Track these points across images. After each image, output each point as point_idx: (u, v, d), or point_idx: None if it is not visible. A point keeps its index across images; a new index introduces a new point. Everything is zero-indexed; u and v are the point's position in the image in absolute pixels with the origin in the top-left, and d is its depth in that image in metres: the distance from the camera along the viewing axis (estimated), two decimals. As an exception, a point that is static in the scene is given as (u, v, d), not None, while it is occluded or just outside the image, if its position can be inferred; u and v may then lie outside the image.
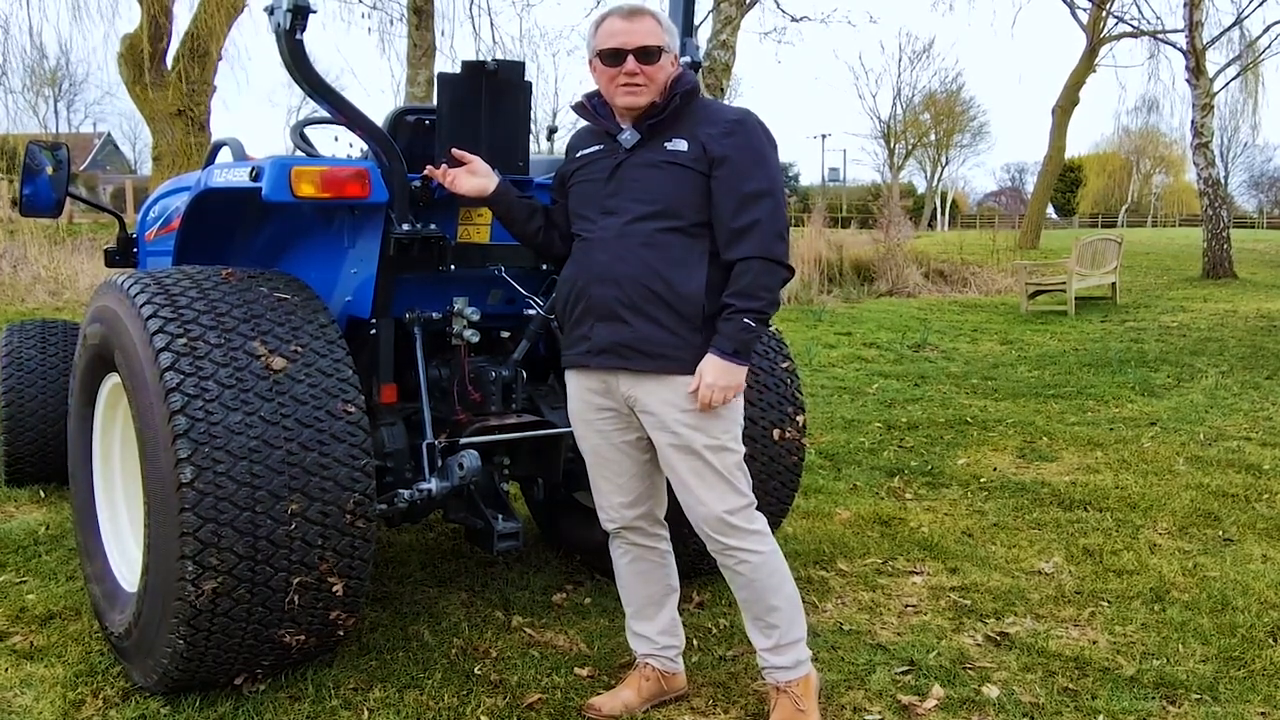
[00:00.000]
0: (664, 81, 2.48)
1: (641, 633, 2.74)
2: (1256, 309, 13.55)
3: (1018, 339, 11.00)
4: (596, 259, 2.48)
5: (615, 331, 2.46)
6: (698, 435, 2.43)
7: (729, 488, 2.47)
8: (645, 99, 2.47)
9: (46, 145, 4.24)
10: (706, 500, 2.46)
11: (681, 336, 2.41)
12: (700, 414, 2.42)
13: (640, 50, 2.43)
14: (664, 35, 2.48)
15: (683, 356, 2.42)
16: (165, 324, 2.48)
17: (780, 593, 2.53)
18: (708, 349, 2.40)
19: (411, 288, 2.99)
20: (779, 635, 2.54)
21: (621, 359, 2.46)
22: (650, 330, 2.42)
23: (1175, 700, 2.79)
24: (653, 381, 2.45)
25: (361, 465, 2.53)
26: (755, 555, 2.49)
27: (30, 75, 16.83)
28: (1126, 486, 4.91)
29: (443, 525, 4.18)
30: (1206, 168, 19.09)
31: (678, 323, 2.41)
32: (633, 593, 2.75)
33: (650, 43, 2.45)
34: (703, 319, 2.42)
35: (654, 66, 2.45)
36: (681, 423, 2.43)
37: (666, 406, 2.44)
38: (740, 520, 2.48)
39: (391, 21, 15.45)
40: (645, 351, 2.43)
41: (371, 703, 2.69)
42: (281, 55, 2.52)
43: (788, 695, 2.55)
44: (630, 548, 2.71)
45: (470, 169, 2.68)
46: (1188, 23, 18.91)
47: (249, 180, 2.69)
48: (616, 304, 2.45)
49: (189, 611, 2.38)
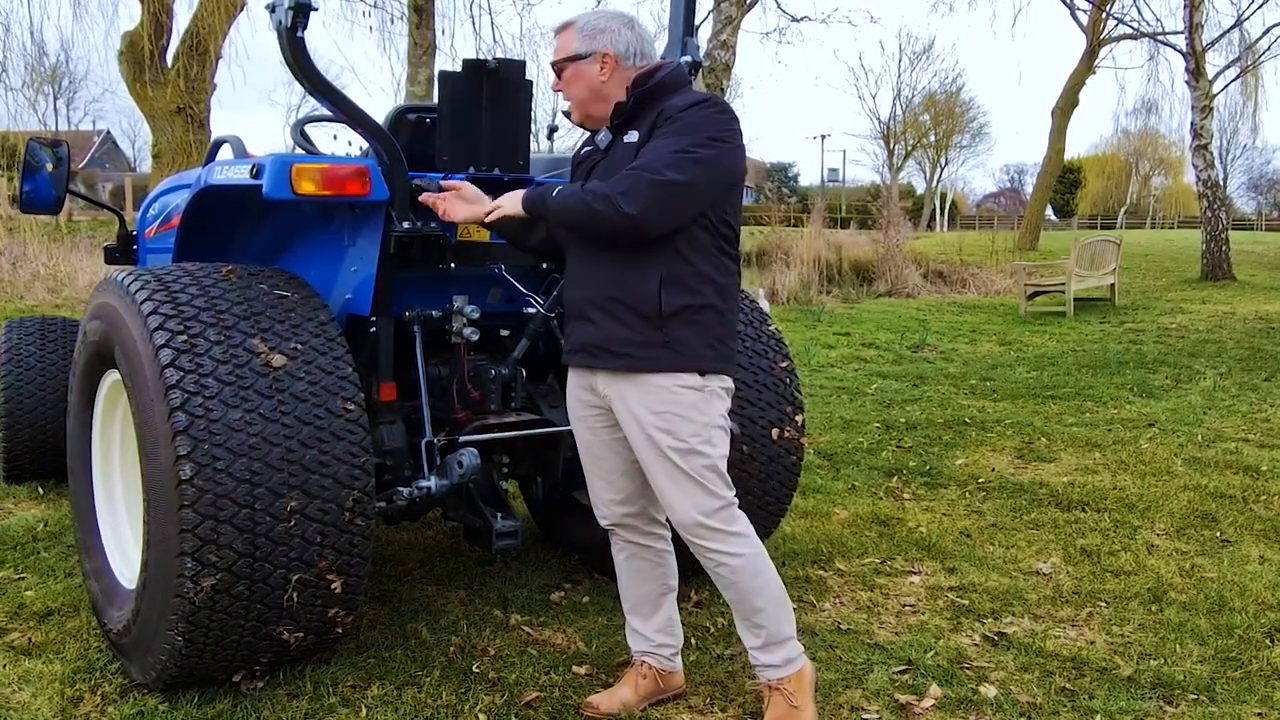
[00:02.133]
0: (582, 92, 2.48)
1: (638, 630, 2.75)
2: (1255, 311, 13.56)
3: (1016, 340, 11.01)
4: (572, 260, 2.53)
5: (586, 331, 2.48)
6: (665, 437, 2.40)
7: (701, 490, 2.43)
8: (577, 114, 2.52)
9: (47, 142, 4.25)
10: (678, 503, 2.44)
11: (643, 334, 2.39)
12: (669, 416, 2.39)
13: (554, 67, 2.51)
14: (574, 44, 2.47)
15: (646, 355, 2.39)
16: (165, 321, 2.49)
17: (763, 594, 2.51)
18: (669, 345, 2.38)
19: (411, 286, 2.99)
20: (766, 635, 2.53)
21: (593, 357, 2.47)
22: (613, 329, 2.42)
23: (1172, 701, 2.80)
24: (624, 382, 2.44)
25: (361, 463, 2.53)
26: (734, 558, 2.47)
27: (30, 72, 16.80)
28: (1124, 487, 4.91)
29: (441, 523, 4.19)
30: (1205, 169, 19.10)
31: (637, 320, 2.39)
32: (629, 589, 2.75)
33: (555, 58, 2.50)
34: (660, 316, 2.37)
35: (563, 80, 2.50)
36: (651, 424, 2.41)
37: (637, 406, 2.43)
38: (716, 522, 2.45)
39: (392, 20, 15.43)
40: (611, 350, 2.43)
41: (369, 700, 2.70)
42: (283, 53, 2.53)
43: (780, 693, 2.54)
44: (625, 544, 2.71)
45: (460, 194, 2.68)
46: (1187, 25, 18.92)
47: (249, 178, 2.70)
48: (585, 304, 2.47)
49: (188, 608, 2.38)
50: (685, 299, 2.38)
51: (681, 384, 2.40)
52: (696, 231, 2.39)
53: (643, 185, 2.28)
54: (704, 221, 2.39)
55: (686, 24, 3.24)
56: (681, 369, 2.40)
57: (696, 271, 2.39)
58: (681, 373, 2.40)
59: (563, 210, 2.40)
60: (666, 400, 2.40)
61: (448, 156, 2.87)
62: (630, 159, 2.37)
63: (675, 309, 2.38)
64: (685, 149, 2.30)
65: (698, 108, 2.37)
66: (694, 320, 2.40)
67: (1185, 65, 19.04)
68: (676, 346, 2.39)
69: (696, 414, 2.42)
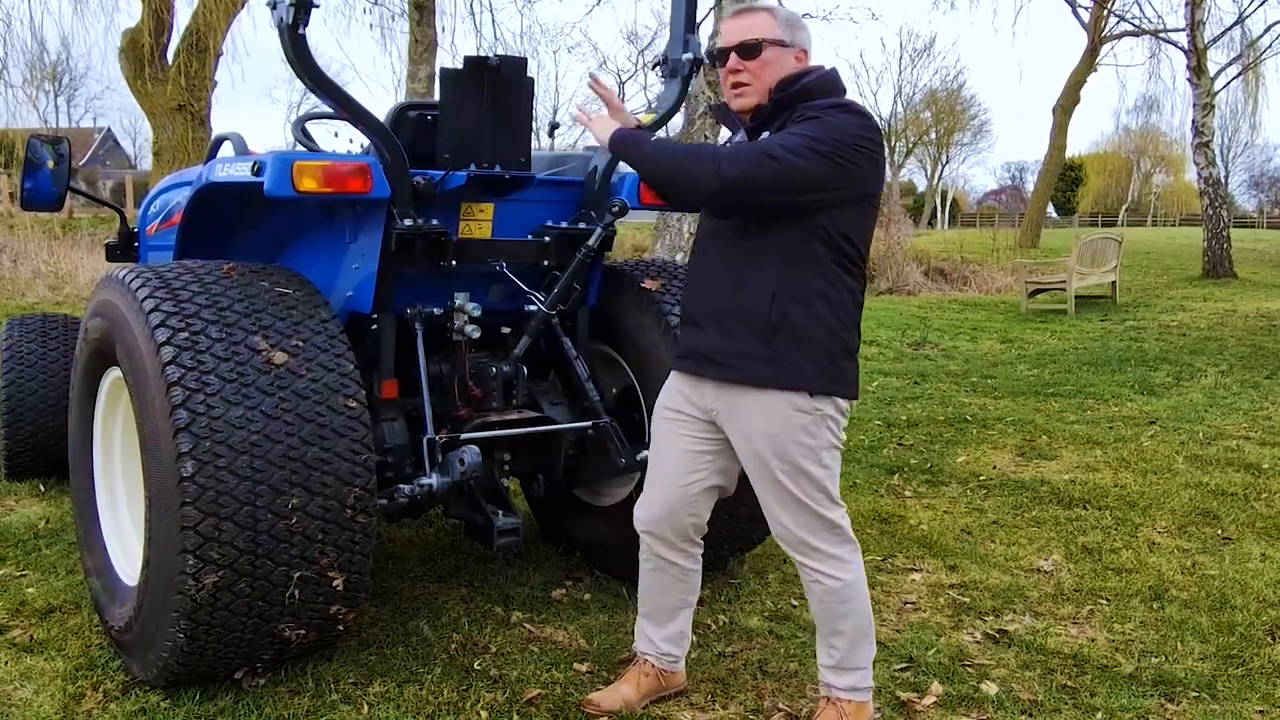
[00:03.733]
0: (770, 79, 2.34)
1: (648, 634, 2.72)
2: (1256, 308, 13.55)
3: (1017, 337, 11.00)
4: (694, 264, 2.47)
5: (696, 338, 2.42)
6: (773, 458, 2.34)
7: (807, 510, 2.38)
8: (752, 100, 2.35)
9: (48, 139, 4.25)
10: (783, 519, 2.41)
11: (749, 346, 2.31)
12: (777, 438, 2.32)
13: (740, 46, 2.33)
14: (776, 29, 2.34)
15: (750, 367, 2.32)
16: (167, 318, 2.48)
17: (847, 621, 2.45)
18: (773, 360, 2.30)
19: (413, 283, 2.99)
20: (839, 658, 2.49)
21: (698, 365, 2.41)
22: (720, 338, 2.35)
23: (1174, 698, 2.80)
24: (734, 395, 2.37)
25: (362, 460, 2.53)
26: (830, 579, 2.43)
27: (31, 69, 16.81)
28: (1126, 485, 4.91)
29: (442, 521, 4.19)
30: (1207, 167, 19.06)
31: (745, 332, 2.32)
32: (648, 596, 2.71)
33: (750, 37, 2.32)
34: (768, 329, 2.29)
35: (756, 62, 2.32)
36: (760, 442, 2.35)
37: (745, 423, 2.36)
38: (819, 542, 2.41)
39: (393, 17, 15.42)
40: (715, 360, 2.37)
41: (371, 697, 2.70)
42: (284, 50, 2.53)
43: (836, 708, 2.50)
44: (652, 556, 2.64)
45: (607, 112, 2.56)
46: (1189, 22, 18.88)
47: (251, 175, 2.69)
48: (698, 310, 2.41)
49: (189, 605, 2.38)
50: (795, 314, 2.29)
51: (791, 405, 2.32)
52: (814, 245, 2.28)
53: (752, 154, 2.19)
54: (821, 234, 2.28)
55: (688, 20, 3.23)
56: (787, 386, 2.31)
57: (811, 287, 2.29)
58: (789, 391, 2.32)
59: (648, 161, 2.32)
60: (776, 421, 2.33)
61: (449, 154, 2.87)
62: None
63: (784, 323, 2.29)
64: (814, 138, 2.19)
65: (839, 109, 2.28)
66: (804, 337, 2.30)
67: (1187, 62, 19.00)
68: (781, 362, 2.30)
69: (806, 437, 2.34)
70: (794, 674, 2.90)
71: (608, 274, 3.44)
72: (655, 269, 3.46)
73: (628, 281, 3.39)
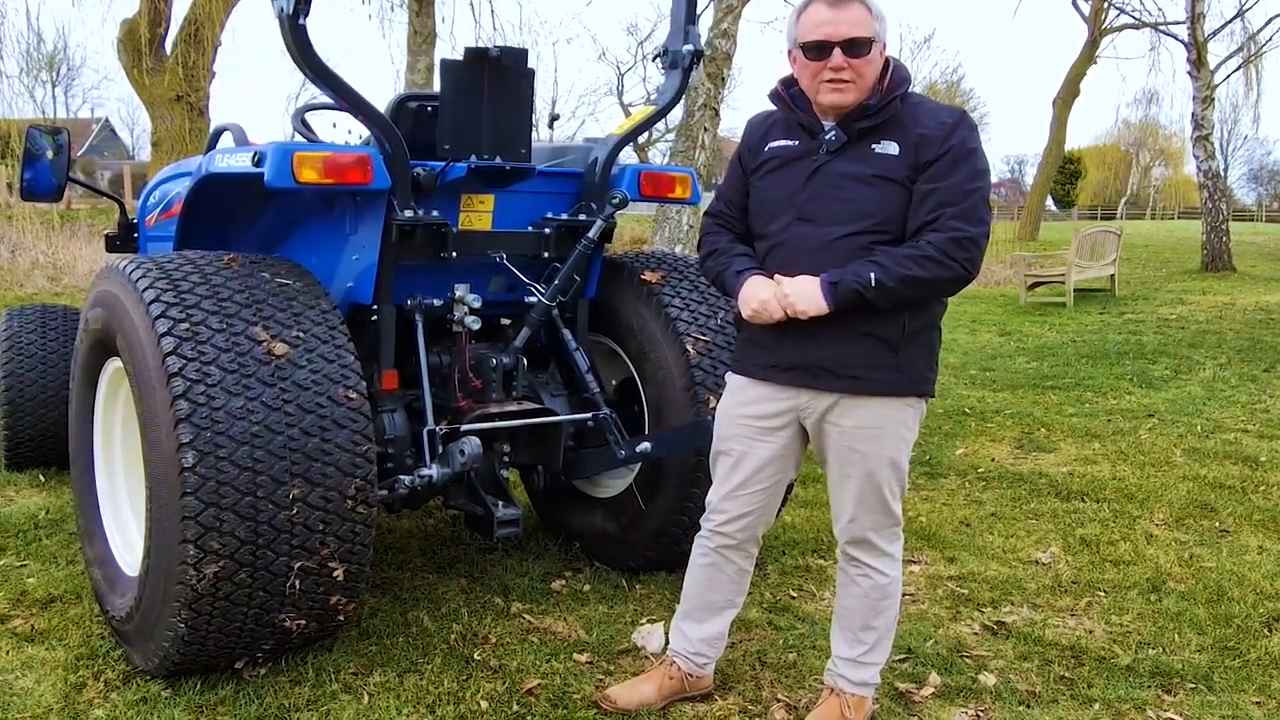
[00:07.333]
0: (872, 77, 2.27)
1: (684, 631, 2.68)
2: (1255, 302, 13.56)
3: (1016, 330, 11.00)
4: (794, 269, 2.31)
5: (805, 350, 2.33)
6: (874, 456, 2.34)
7: (883, 507, 2.40)
8: (852, 97, 2.26)
9: (47, 130, 4.24)
10: (859, 516, 2.41)
11: (878, 356, 2.29)
12: (881, 433, 2.32)
13: (848, 43, 2.22)
14: (874, 24, 2.26)
15: (878, 377, 2.30)
16: (167, 309, 2.48)
17: (882, 616, 2.49)
18: (899, 369, 2.30)
19: (413, 274, 2.99)
20: (861, 652, 2.50)
21: (810, 377, 2.34)
22: (842, 349, 2.29)
23: (1171, 689, 2.81)
24: (845, 401, 2.33)
25: (363, 451, 2.54)
26: (880, 575, 2.46)
27: (28, 59, 16.79)
28: (1124, 477, 4.92)
29: (442, 512, 4.19)
30: (1206, 160, 19.05)
31: (873, 342, 2.28)
32: (694, 592, 2.67)
33: (859, 34, 2.22)
34: (901, 337, 2.28)
35: (862, 60, 2.23)
36: (862, 441, 2.33)
37: (850, 422, 2.34)
38: (879, 539, 2.44)
39: (392, 8, 15.41)
40: (834, 371, 2.31)
41: (371, 687, 2.71)
42: (284, 40, 2.52)
43: (841, 700, 2.51)
44: (712, 552, 2.61)
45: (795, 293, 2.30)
46: (1189, 15, 18.85)
47: (251, 166, 2.69)
48: (811, 321, 2.27)
49: (190, 595, 2.38)
50: (923, 320, 2.32)
51: (903, 405, 2.34)
52: None
53: (973, 233, 2.20)
54: None
55: (689, 12, 3.23)
56: (908, 392, 2.33)
57: None
58: (907, 396, 2.34)
59: (891, 295, 2.20)
60: (884, 419, 2.33)
61: (449, 145, 2.87)
62: (896, 174, 2.24)
63: (914, 330, 2.30)
64: (981, 190, 2.23)
65: (967, 132, 2.25)
66: (925, 342, 2.34)
67: (1187, 56, 18.97)
68: (906, 369, 2.31)
69: (905, 431, 2.37)
70: (792, 665, 2.91)
71: (607, 266, 3.44)
72: (655, 261, 3.46)
73: (627, 273, 3.39)
